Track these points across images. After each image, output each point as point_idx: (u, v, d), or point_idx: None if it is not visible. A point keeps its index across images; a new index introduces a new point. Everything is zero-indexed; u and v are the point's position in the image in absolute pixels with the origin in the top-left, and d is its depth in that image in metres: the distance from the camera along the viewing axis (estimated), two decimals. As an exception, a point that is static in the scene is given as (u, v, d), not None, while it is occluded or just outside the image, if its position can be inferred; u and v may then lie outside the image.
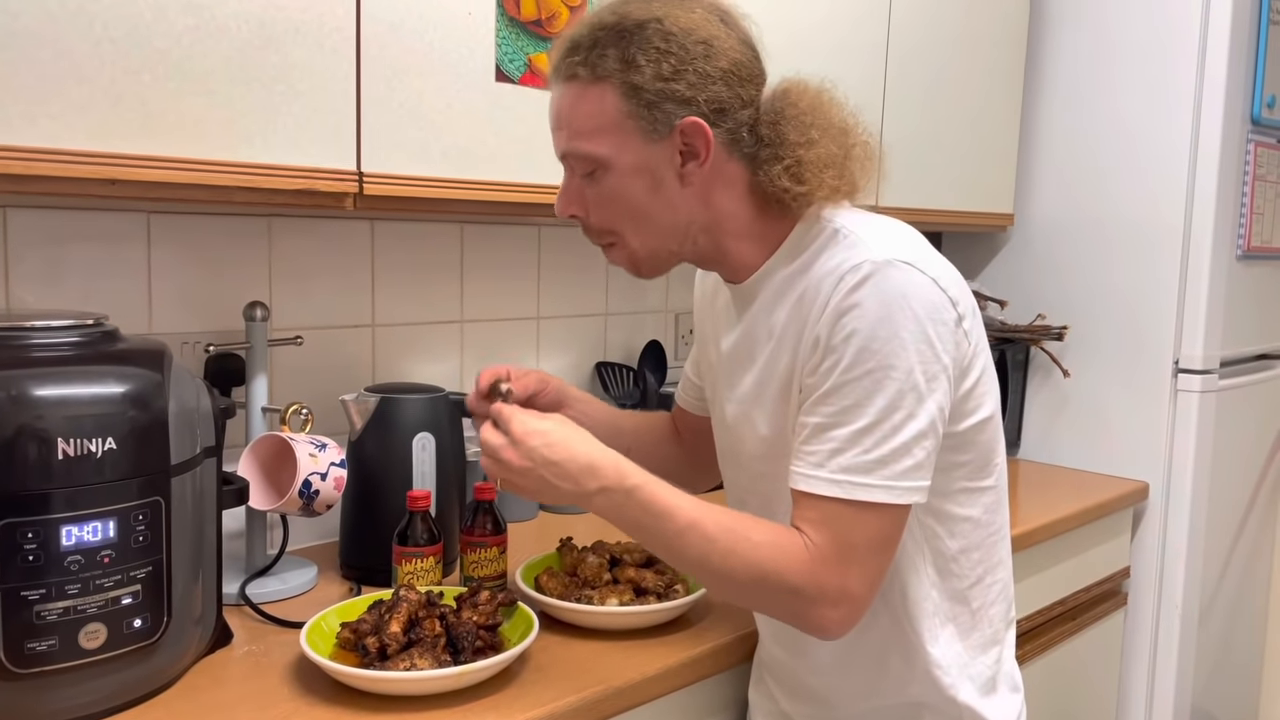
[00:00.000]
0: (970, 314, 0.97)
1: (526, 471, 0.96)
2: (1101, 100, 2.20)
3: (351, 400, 1.35)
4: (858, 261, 0.92)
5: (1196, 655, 2.21)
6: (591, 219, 1.02)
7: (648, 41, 0.94)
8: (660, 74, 0.94)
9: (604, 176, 0.98)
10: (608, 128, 0.96)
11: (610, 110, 0.96)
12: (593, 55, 0.95)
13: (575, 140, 0.98)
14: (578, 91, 0.97)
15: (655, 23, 0.94)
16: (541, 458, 0.95)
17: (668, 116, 0.95)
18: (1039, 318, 2.30)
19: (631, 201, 0.98)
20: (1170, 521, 2.15)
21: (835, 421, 0.92)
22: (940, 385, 0.92)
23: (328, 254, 1.53)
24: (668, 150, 0.96)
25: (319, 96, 1.16)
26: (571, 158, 1.00)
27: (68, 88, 0.98)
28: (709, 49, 0.95)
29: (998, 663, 1.08)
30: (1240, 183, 2.13)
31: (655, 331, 2.01)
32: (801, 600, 0.91)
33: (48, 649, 0.92)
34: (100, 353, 0.99)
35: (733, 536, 0.93)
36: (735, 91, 0.97)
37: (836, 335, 0.92)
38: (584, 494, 0.95)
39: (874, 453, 0.90)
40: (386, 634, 1.05)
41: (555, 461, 0.95)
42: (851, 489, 0.90)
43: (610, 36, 0.95)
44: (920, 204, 2.04)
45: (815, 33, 1.76)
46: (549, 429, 0.97)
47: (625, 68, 0.94)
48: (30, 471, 0.90)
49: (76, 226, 1.29)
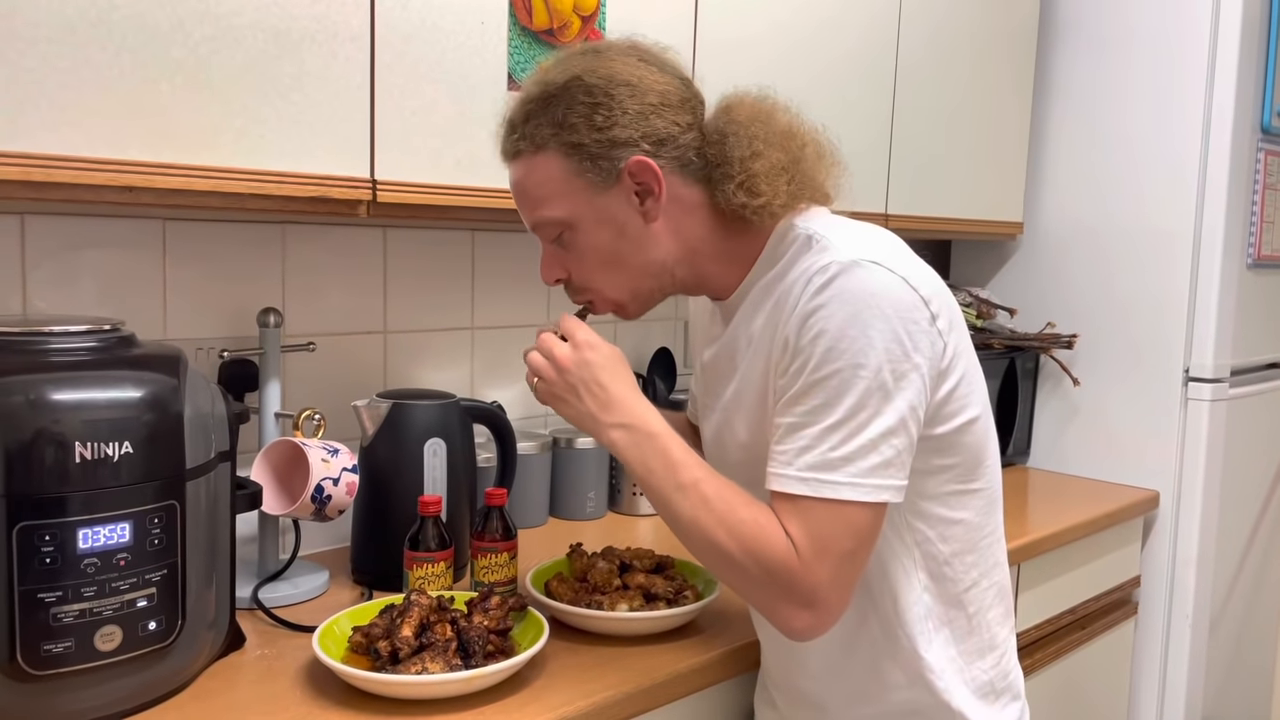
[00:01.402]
0: (945, 313, 0.96)
1: (567, 373, 0.99)
2: (1111, 109, 2.21)
3: (363, 406, 1.36)
4: (825, 263, 0.93)
5: (1207, 665, 2.20)
6: (574, 279, 1.06)
7: (574, 99, 0.98)
8: (594, 125, 0.97)
9: (573, 237, 1.02)
10: (560, 191, 1.00)
11: (557, 174, 0.99)
12: (528, 128, 1.00)
13: (536, 210, 1.02)
14: (525, 165, 1.01)
15: (575, 81, 0.98)
16: (590, 371, 0.99)
17: (613, 163, 0.98)
18: (1048, 326, 2.30)
19: (603, 252, 1.02)
20: (1181, 530, 2.14)
21: (805, 421, 0.92)
22: (912, 384, 0.92)
23: (341, 261, 1.54)
24: (622, 195, 1.00)
25: (333, 105, 1.17)
26: (538, 228, 1.04)
27: (87, 96, 1.00)
28: (633, 89, 0.98)
29: (996, 667, 1.07)
30: (1250, 191, 2.13)
31: (664, 339, 2.01)
32: (775, 587, 0.91)
33: (64, 651, 0.93)
34: (116, 358, 1.00)
35: (727, 505, 0.94)
36: (670, 120, 0.99)
37: (805, 336, 0.92)
38: (605, 423, 0.98)
39: (840, 450, 0.90)
40: (398, 638, 1.05)
41: (599, 381, 0.98)
42: (819, 486, 0.90)
43: (538, 106, 0.99)
44: (930, 212, 2.05)
45: (822, 43, 1.77)
46: (610, 352, 1.01)
47: (559, 130, 0.98)
48: (47, 475, 0.91)
49: (93, 233, 1.30)
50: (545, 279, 1.07)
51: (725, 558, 0.94)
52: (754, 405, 1.02)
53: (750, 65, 1.02)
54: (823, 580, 0.91)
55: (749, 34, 1.63)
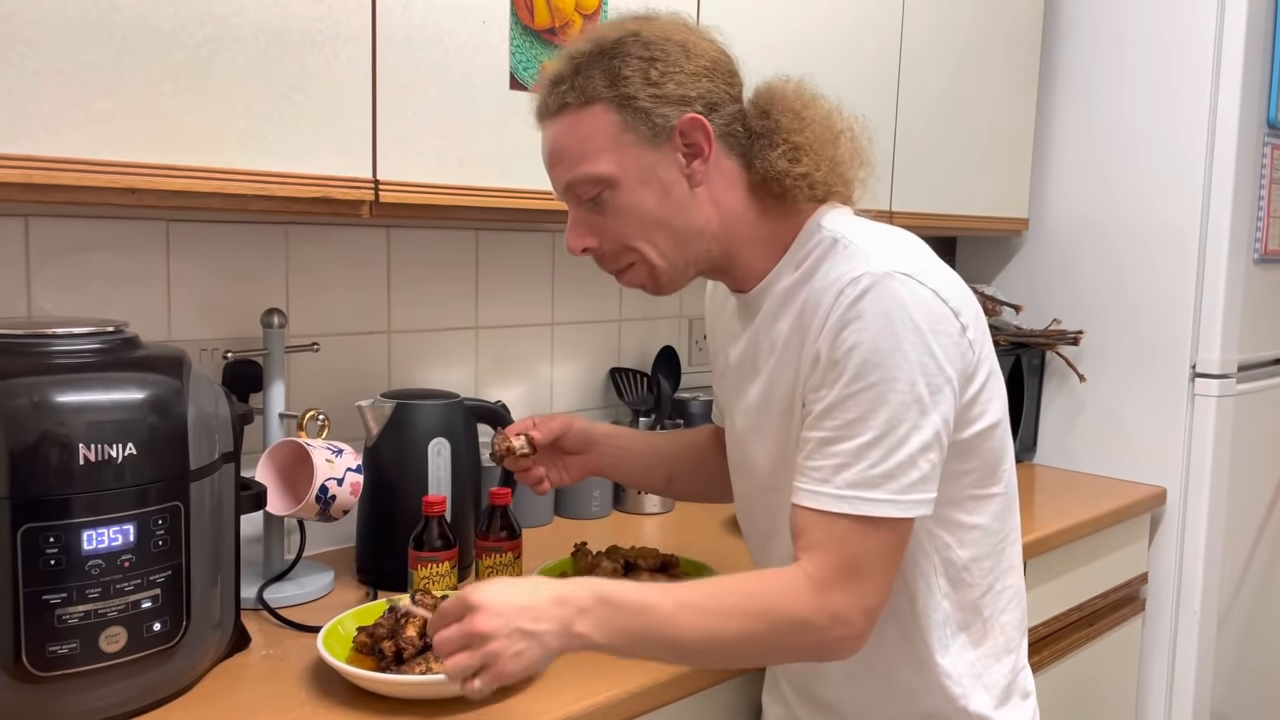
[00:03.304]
0: (974, 323, 0.96)
1: (504, 628, 0.83)
2: (1116, 104, 2.20)
3: (367, 406, 1.36)
4: (857, 274, 0.92)
5: (1215, 662, 2.19)
6: (605, 245, 1.01)
7: (629, 54, 0.96)
8: (648, 80, 0.95)
9: (614, 196, 0.98)
10: (607, 145, 0.96)
11: (606, 128, 0.96)
12: (579, 80, 0.96)
13: (578, 166, 0.98)
14: (570, 120, 0.97)
15: (631, 35, 0.97)
16: (511, 608, 0.84)
17: (664, 119, 0.96)
18: (1054, 322, 2.29)
19: (645, 213, 0.98)
20: (1188, 527, 2.13)
21: (839, 436, 0.91)
22: (945, 397, 0.91)
23: (344, 261, 1.54)
24: (670, 153, 0.97)
25: (335, 105, 1.17)
26: (576, 186, 0.99)
27: (90, 99, 1.00)
28: (687, 50, 0.98)
29: (1013, 670, 1.07)
30: (1257, 186, 2.12)
31: (669, 337, 2.01)
32: (814, 631, 0.89)
33: (69, 652, 0.93)
34: (120, 359, 1.00)
35: (723, 597, 0.90)
36: (721, 86, 0.99)
37: (838, 349, 0.91)
38: (568, 626, 0.85)
39: (880, 467, 0.89)
40: (402, 638, 1.05)
41: (525, 606, 0.84)
42: (859, 504, 0.89)
43: (591, 60, 0.97)
44: (935, 209, 2.04)
45: (826, 40, 1.76)
46: (500, 583, 0.87)
47: (613, 83, 0.96)
48: (52, 476, 0.91)
49: (97, 235, 1.30)
50: (572, 246, 1.02)
51: (754, 644, 0.90)
52: (780, 415, 1.01)
53: (752, 61, 1.02)
54: (861, 594, 0.90)
55: (751, 32, 1.62)
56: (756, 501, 1.10)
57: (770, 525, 1.07)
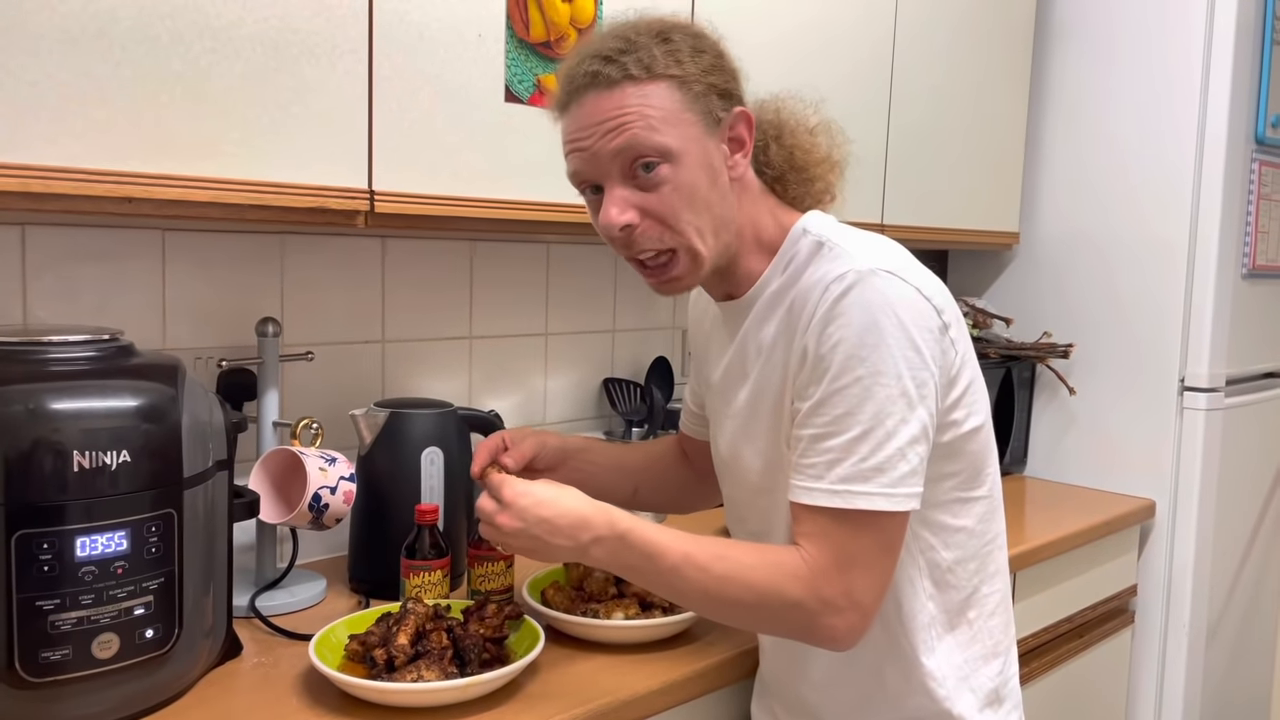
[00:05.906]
0: (955, 323, 0.98)
1: (521, 532, 0.97)
2: (1106, 119, 2.22)
3: (361, 415, 1.37)
4: (842, 271, 0.94)
5: (1204, 674, 2.20)
6: (647, 223, 0.97)
7: (684, 40, 0.98)
8: (702, 68, 0.98)
9: (673, 171, 0.95)
10: (674, 120, 0.95)
11: (670, 103, 0.95)
12: (641, 55, 0.95)
13: (644, 134, 0.94)
14: (634, 89, 0.94)
15: (681, 26, 1.00)
16: (534, 517, 0.96)
17: (714, 109, 0.99)
18: (1044, 335, 2.31)
19: (698, 194, 0.97)
20: (1177, 539, 2.15)
21: (829, 431, 0.93)
22: (929, 392, 0.93)
23: (339, 271, 1.55)
24: (718, 143, 1.00)
25: (331, 117, 1.18)
26: (637, 152, 0.95)
27: (87, 108, 1.01)
28: (721, 51, 1.02)
29: (1000, 675, 1.08)
30: (1245, 201, 2.14)
31: (662, 348, 2.02)
32: (805, 613, 0.92)
33: (61, 658, 0.93)
34: (115, 367, 1.01)
35: (726, 563, 0.94)
36: (743, 90, 1.03)
37: (824, 345, 0.93)
38: (580, 546, 0.97)
39: (870, 460, 0.91)
40: (394, 646, 1.06)
41: (547, 519, 0.96)
42: (851, 498, 0.91)
43: (648, 39, 0.97)
44: (925, 222, 2.06)
45: (818, 52, 1.78)
46: (538, 490, 0.98)
47: (675, 63, 0.97)
48: (46, 483, 0.92)
49: (93, 244, 1.31)
50: (613, 221, 0.96)
51: (745, 611, 0.95)
52: (769, 415, 1.02)
53: (745, 63, 1.04)
54: (854, 585, 0.92)
55: (746, 45, 1.63)
56: (748, 505, 1.11)
57: (763, 526, 1.08)
